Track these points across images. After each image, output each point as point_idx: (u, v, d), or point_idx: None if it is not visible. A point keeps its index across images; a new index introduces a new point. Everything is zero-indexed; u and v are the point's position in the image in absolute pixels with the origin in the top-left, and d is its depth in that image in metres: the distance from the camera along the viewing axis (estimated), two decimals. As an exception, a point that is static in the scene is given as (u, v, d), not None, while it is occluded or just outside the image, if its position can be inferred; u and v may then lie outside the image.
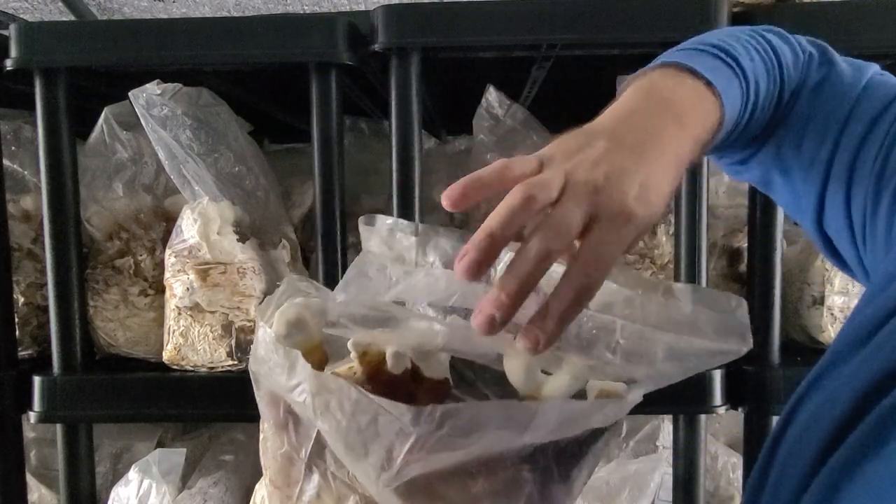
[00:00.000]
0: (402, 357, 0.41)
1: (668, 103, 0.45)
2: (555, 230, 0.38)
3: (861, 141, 0.47)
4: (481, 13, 0.79)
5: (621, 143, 0.41)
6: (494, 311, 0.36)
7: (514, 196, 0.38)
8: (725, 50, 0.48)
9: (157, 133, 0.84)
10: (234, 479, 0.94)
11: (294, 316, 0.40)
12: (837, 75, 0.51)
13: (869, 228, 0.47)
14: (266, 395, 0.39)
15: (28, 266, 0.94)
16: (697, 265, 0.82)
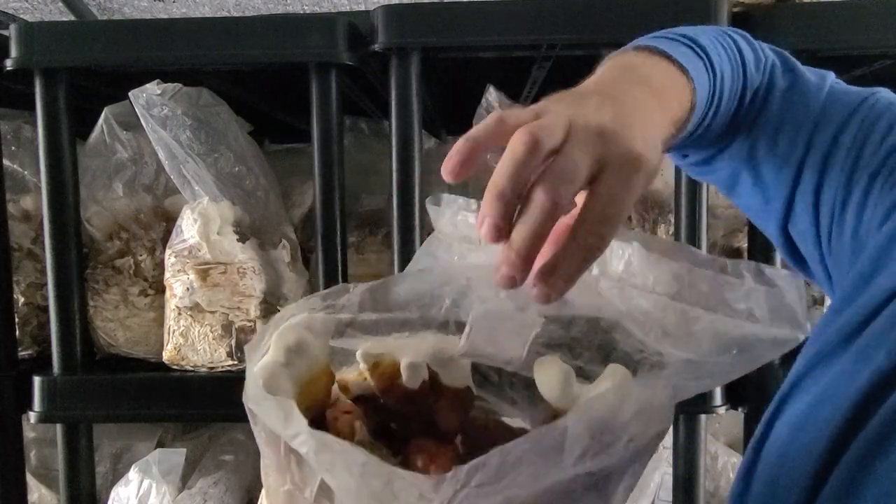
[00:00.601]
0: (419, 368, 0.37)
1: (647, 79, 0.44)
2: (561, 179, 0.35)
3: (831, 143, 0.48)
4: (481, 13, 0.79)
5: (614, 100, 0.40)
6: (511, 271, 0.35)
7: (517, 144, 0.35)
8: (696, 41, 0.48)
9: (157, 133, 0.84)
10: (234, 479, 0.94)
11: (294, 341, 0.35)
12: (804, 81, 0.52)
13: (836, 229, 0.48)
14: (263, 433, 0.35)
15: (28, 266, 0.94)
16: (697, 265, 0.82)
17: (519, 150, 0.35)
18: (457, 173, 0.36)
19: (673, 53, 0.46)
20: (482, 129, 0.37)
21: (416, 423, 0.38)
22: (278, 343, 0.35)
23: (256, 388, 0.34)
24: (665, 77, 0.45)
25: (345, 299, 0.39)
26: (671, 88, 0.45)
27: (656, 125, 0.42)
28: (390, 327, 0.39)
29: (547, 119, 0.37)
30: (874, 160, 0.46)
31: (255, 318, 0.84)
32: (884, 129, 0.46)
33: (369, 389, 0.38)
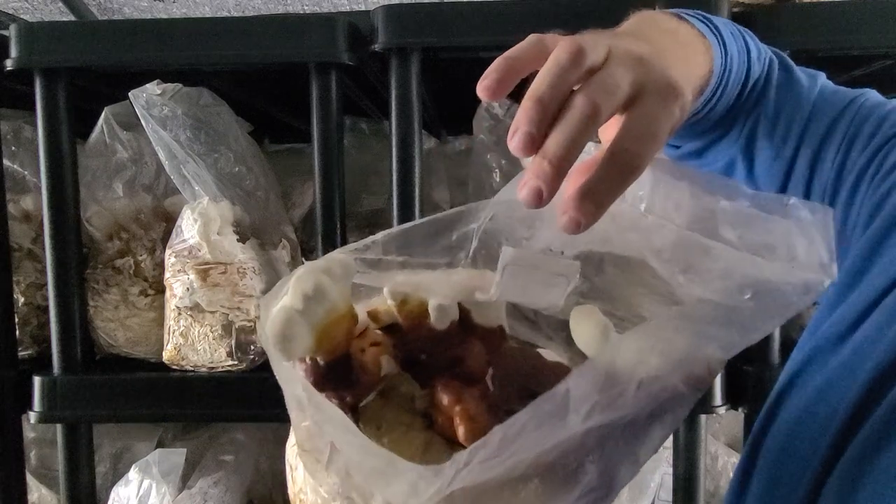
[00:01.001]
0: (447, 310, 0.35)
1: (673, 33, 0.44)
2: (603, 87, 0.33)
3: (821, 140, 0.49)
4: (481, 13, 0.79)
5: (647, 41, 0.40)
6: (540, 183, 0.32)
7: (561, 52, 0.34)
8: (710, 20, 0.49)
9: (157, 133, 0.84)
10: (235, 479, 0.94)
11: (312, 286, 0.33)
12: (799, 81, 0.53)
13: None
14: (280, 370, 0.35)
15: (28, 266, 0.94)
16: (697, 265, 0.82)
17: (563, 58, 0.34)
18: (493, 91, 0.35)
19: (692, 21, 0.47)
20: (521, 47, 0.36)
21: (444, 359, 0.36)
22: (295, 288, 0.33)
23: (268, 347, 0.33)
24: (689, 35, 0.45)
25: (369, 241, 0.37)
26: (694, 46, 0.44)
27: (686, 69, 0.41)
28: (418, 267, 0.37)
29: (589, 37, 0.36)
30: (861, 159, 0.47)
31: (255, 318, 0.84)
32: (871, 130, 0.48)
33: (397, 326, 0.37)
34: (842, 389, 0.38)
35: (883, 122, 0.47)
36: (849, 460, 0.35)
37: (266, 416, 0.87)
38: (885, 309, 0.39)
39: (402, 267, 0.36)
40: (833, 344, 0.41)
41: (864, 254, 0.43)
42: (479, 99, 0.35)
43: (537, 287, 0.33)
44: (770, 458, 0.42)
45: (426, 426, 0.35)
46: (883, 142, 0.46)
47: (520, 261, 0.33)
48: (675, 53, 0.41)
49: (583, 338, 0.35)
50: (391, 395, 0.36)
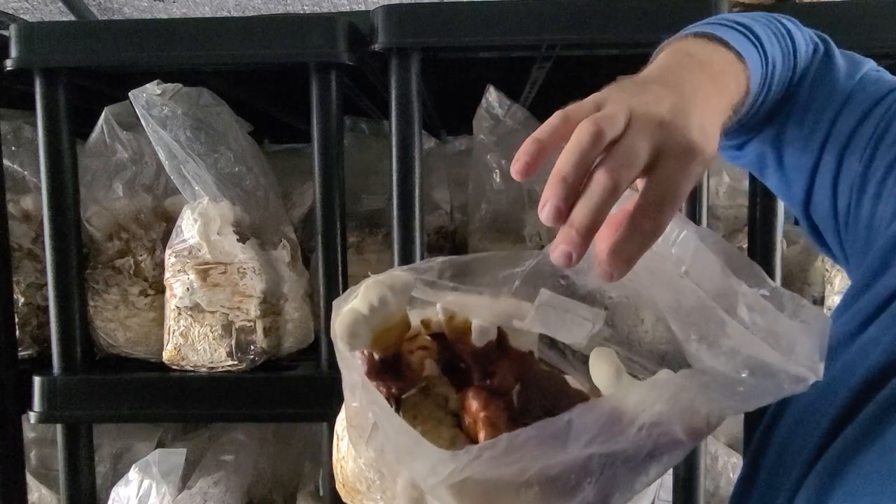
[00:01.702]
0: (487, 331, 0.40)
1: (706, 65, 0.45)
2: (622, 161, 0.37)
3: (851, 132, 0.49)
4: (481, 13, 0.79)
5: (674, 89, 0.41)
6: (570, 248, 0.36)
7: (582, 133, 0.37)
8: (749, 28, 0.49)
9: (157, 133, 0.84)
10: (235, 479, 0.94)
11: (377, 296, 0.40)
12: (836, 69, 0.52)
13: (852, 216, 0.49)
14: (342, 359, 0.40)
15: (28, 266, 0.94)
16: (697, 265, 0.82)
17: (584, 139, 0.37)
18: (525, 173, 0.38)
19: (729, 40, 0.47)
20: (548, 127, 0.39)
21: (478, 371, 0.42)
22: (364, 296, 0.40)
23: (336, 337, 0.39)
24: (723, 62, 0.46)
25: (426, 265, 0.43)
26: (729, 73, 0.46)
27: (715, 110, 0.43)
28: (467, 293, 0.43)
29: (609, 110, 0.39)
30: (890, 153, 0.46)
31: (255, 318, 0.84)
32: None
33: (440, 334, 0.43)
34: (839, 389, 0.38)
35: None
36: (827, 460, 0.36)
37: (266, 416, 0.87)
38: (891, 313, 0.39)
39: (453, 290, 0.43)
40: (843, 343, 0.42)
41: (882, 255, 0.43)
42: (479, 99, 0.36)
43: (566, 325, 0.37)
44: (771, 456, 0.43)
45: (454, 424, 0.41)
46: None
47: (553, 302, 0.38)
48: (706, 91, 0.43)
49: (598, 375, 0.39)
50: (429, 393, 0.42)
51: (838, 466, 0.35)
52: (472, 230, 0.97)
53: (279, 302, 0.89)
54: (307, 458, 1.07)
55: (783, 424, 0.43)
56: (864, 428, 0.35)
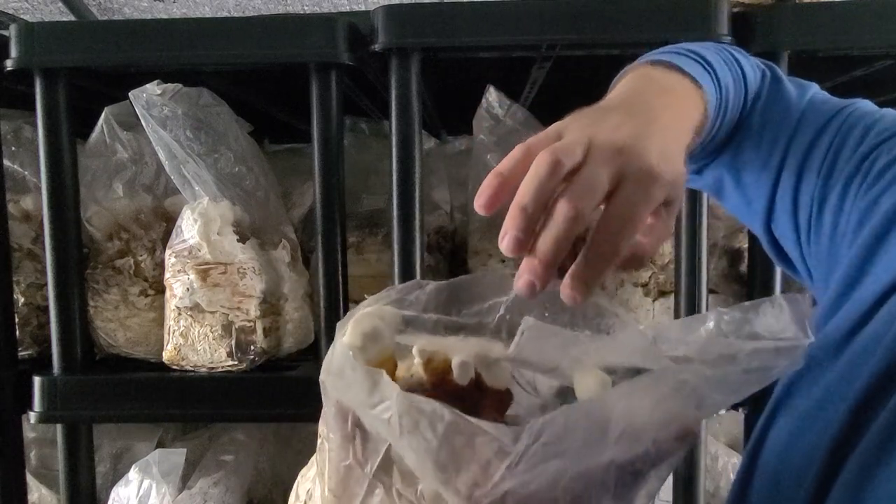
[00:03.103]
0: (468, 367, 0.40)
1: (667, 90, 0.47)
2: (582, 189, 0.37)
3: (808, 147, 0.50)
4: (481, 13, 0.79)
5: (635, 115, 0.42)
6: (533, 278, 0.37)
7: (540, 164, 0.38)
8: (702, 56, 0.51)
9: (157, 133, 0.84)
10: (235, 479, 0.94)
11: (370, 328, 0.40)
12: (787, 91, 0.54)
13: (814, 230, 0.50)
14: (334, 406, 0.39)
15: (28, 266, 0.94)
16: (698, 266, 0.82)
17: (542, 170, 0.38)
18: (488, 206, 0.39)
19: (685, 67, 0.48)
20: (509, 161, 0.40)
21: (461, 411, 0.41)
22: (355, 328, 0.39)
23: (346, 359, 0.37)
24: (682, 88, 0.47)
25: (414, 296, 0.43)
26: (688, 98, 0.47)
27: (677, 134, 0.44)
28: (446, 329, 0.43)
29: (567, 139, 0.40)
30: (848, 166, 0.48)
31: (255, 318, 0.84)
32: (858, 137, 0.48)
33: (416, 385, 0.41)
34: (839, 398, 0.38)
35: (869, 131, 0.48)
36: (850, 471, 0.35)
37: (266, 416, 0.87)
38: (880, 318, 0.39)
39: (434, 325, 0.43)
40: (830, 353, 0.42)
41: (856, 263, 0.44)
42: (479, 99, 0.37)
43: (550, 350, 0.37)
44: (769, 468, 0.43)
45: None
46: (869, 150, 0.47)
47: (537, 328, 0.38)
48: (668, 116, 0.44)
49: (584, 391, 0.39)
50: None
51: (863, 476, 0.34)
52: (472, 230, 0.97)
53: (279, 302, 0.89)
54: (307, 458, 1.07)
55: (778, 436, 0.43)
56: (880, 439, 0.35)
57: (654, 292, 0.93)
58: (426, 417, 0.33)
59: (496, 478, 0.32)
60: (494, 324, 0.44)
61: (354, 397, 0.36)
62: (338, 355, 0.38)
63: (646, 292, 0.93)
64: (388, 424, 0.34)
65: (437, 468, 0.33)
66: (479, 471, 0.32)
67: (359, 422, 0.37)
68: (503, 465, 0.31)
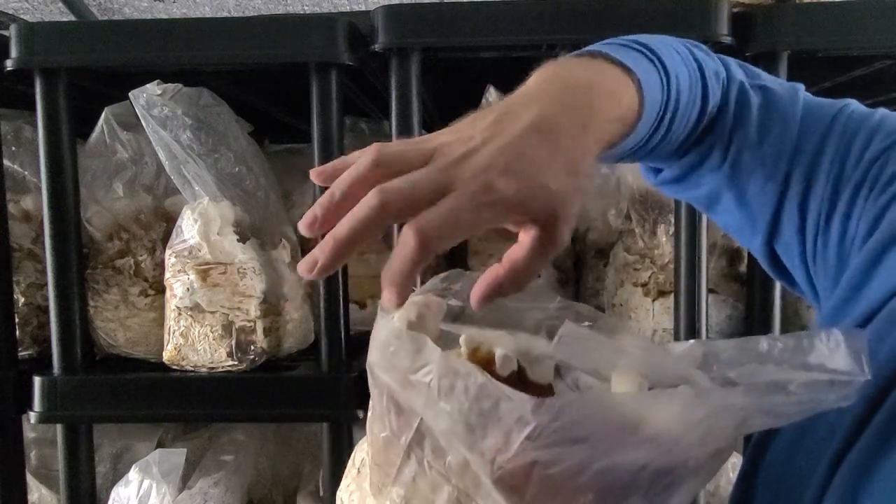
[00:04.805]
0: (511, 360, 0.42)
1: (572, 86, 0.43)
2: (397, 185, 0.36)
3: (814, 156, 0.49)
4: (481, 13, 0.79)
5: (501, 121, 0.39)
6: (318, 254, 0.36)
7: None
8: (646, 46, 0.48)
9: (157, 133, 0.84)
10: (235, 479, 0.94)
11: (416, 315, 0.41)
12: (778, 96, 0.52)
13: (821, 241, 0.49)
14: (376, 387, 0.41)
15: (28, 266, 0.94)
16: (697, 265, 0.82)
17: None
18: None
19: (616, 55, 0.45)
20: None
21: None
22: (402, 314, 0.40)
23: (393, 330, 0.38)
24: (601, 77, 0.44)
25: (458, 286, 0.45)
26: (607, 88, 0.44)
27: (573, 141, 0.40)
28: (489, 323, 0.44)
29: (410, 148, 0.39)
30: (856, 172, 0.47)
31: (255, 318, 0.85)
32: (863, 141, 0.47)
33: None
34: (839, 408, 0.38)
35: (873, 135, 0.47)
36: (846, 471, 0.35)
37: (266, 416, 0.87)
38: (881, 321, 0.39)
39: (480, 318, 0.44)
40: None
41: (862, 268, 0.43)
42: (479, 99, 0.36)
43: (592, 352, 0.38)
44: (773, 471, 0.43)
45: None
46: (877, 154, 0.46)
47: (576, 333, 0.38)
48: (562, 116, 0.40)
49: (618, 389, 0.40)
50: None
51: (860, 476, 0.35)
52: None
53: (279, 302, 0.89)
54: (307, 458, 1.07)
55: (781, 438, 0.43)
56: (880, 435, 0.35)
57: (653, 292, 0.93)
58: (461, 379, 0.34)
59: (516, 446, 0.33)
60: (533, 326, 0.45)
61: (400, 363, 0.37)
62: (382, 328, 0.39)
63: (645, 292, 0.93)
64: (427, 388, 0.36)
65: (468, 430, 0.35)
66: (503, 437, 0.33)
67: (393, 398, 0.39)
68: (523, 434, 0.33)
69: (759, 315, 0.85)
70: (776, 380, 0.35)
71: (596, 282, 1.01)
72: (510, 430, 0.33)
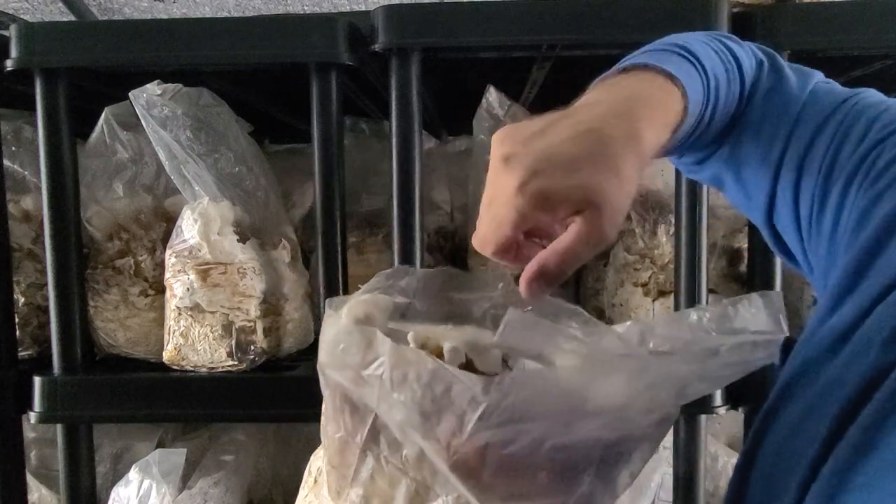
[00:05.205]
0: (459, 352, 0.42)
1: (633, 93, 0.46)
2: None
3: (809, 142, 0.49)
4: (481, 13, 0.79)
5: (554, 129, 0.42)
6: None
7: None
8: (686, 48, 0.49)
9: (157, 133, 0.84)
10: (235, 480, 0.94)
11: (363, 314, 0.42)
12: (787, 82, 0.53)
13: (815, 226, 0.49)
14: (328, 388, 0.42)
15: (28, 266, 0.94)
16: (698, 265, 0.82)
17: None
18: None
19: (660, 63, 0.47)
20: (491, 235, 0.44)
21: None
22: (350, 312, 0.42)
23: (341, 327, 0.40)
24: (651, 89, 0.46)
25: (405, 282, 0.46)
26: (658, 98, 0.46)
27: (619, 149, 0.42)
28: (437, 317, 0.46)
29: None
30: (850, 163, 0.46)
31: (255, 318, 0.84)
32: (861, 131, 0.47)
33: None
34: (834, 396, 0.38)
35: (873, 124, 0.47)
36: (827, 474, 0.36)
37: (266, 416, 0.87)
38: (876, 317, 0.39)
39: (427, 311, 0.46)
40: (827, 351, 0.42)
41: (854, 265, 0.43)
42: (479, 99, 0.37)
43: (535, 338, 0.40)
44: (765, 469, 0.43)
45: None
46: (872, 146, 0.46)
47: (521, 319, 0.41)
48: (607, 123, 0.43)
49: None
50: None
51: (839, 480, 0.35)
52: (472, 230, 0.97)
53: (279, 302, 0.89)
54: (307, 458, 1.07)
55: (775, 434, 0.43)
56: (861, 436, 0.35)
57: (653, 292, 0.93)
58: (413, 367, 0.36)
59: (470, 427, 0.34)
60: (480, 315, 0.47)
61: (351, 360, 0.38)
62: (331, 325, 0.41)
63: (645, 292, 0.93)
64: (380, 381, 0.37)
65: (423, 418, 0.36)
66: (456, 420, 0.34)
67: (346, 397, 0.40)
68: (475, 415, 0.34)
69: (759, 315, 0.85)
70: (708, 346, 0.38)
71: (596, 282, 1.01)
72: (463, 412, 0.34)
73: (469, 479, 0.36)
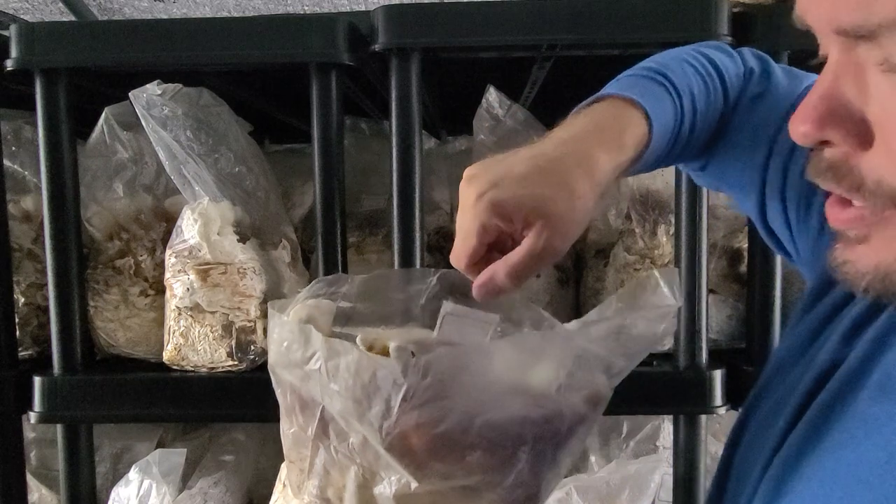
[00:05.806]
0: (405, 351, 0.44)
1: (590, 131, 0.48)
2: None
3: (793, 146, 0.49)
4: (481, 13, 0.79)
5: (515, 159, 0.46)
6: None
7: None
8: (658, 70, 0.51)
9: (157, 133, 0.84)
10: (235, 479, 0.95)
11: (306, 317, 0.44)
12: (775, 86, 0.54)
13: (802, 225, 0.50)
14: (280, 387, 0.44)
15: (28, 266, 0.94)
16: (698, 266, 0.82)
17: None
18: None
19: (624, 91, 0.49)
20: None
21: None
22: (294, 315, 0.44)
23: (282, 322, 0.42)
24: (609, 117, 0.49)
25: (345, 288, 0.49)
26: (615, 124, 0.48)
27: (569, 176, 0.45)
28: (379, 318, 0.49)
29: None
30: None
31: (255, 318, 0.84)
32: None
33: None
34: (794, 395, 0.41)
35: None
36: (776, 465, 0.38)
37: (266, 416, 0.87)
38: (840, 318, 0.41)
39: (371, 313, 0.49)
40: (793, 357, 0.44)
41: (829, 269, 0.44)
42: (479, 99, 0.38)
43: (469, 329, 0.43)
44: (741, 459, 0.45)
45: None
46: None
47: (455, 311, 0.44)
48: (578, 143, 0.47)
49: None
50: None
51: (784, 472, 0.37)
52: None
53: (279, 302, 0.89)
54: (307, 458, 1.07)
55: (745, 438, 0.46)
56: (806, 432, 0.37)
57: (654, 292, 0.93)
58: (342, 358, 0.38)
59: (396, 409, 0.36)
60: (418, 312, 0.50)
61: (294, 357, 0.40)
62: (276, 326, 0.43)
63: (646, 292, 0.93)
64: (319, 374, 0.39)
65: (356, 405, 0.38)
66: (384, 404, 0.36)
67: (296, 393, 0.42)
68: (399, 396, 0.36)
69: (759, 315, 0.85)
70: (622, 323, 0.41)
71: (596, 282, 1.01)
72: (388, 396, 0.36)
73: (404, 459, 0.37)
